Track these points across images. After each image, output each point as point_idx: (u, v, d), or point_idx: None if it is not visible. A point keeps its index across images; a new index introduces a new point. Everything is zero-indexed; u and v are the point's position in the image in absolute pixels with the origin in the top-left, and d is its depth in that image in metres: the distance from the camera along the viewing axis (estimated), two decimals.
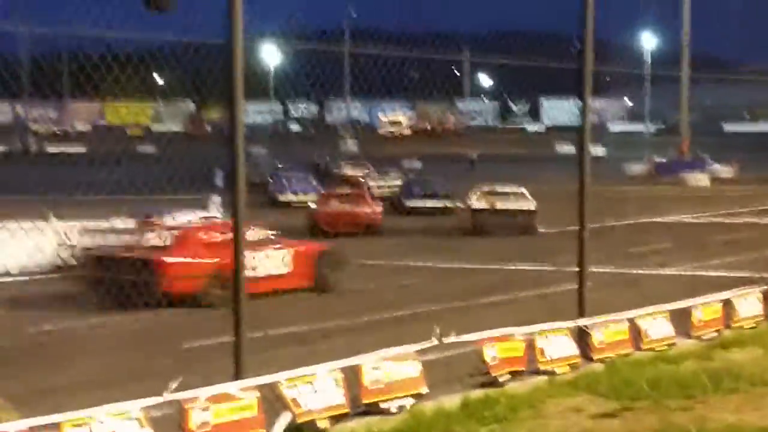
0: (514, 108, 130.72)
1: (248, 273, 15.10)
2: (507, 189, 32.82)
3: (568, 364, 11.24)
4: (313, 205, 32.79)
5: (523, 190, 32.67)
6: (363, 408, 9.24)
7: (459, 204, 34.42)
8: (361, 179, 45.35)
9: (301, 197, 39.10)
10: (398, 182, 44.62)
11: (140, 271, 17.72)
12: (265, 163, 47.45)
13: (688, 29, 66.98)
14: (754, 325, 13.97)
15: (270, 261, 19.73)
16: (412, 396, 9.55)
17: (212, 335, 12.60)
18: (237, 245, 8.84)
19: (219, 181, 29.07)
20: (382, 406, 9.31)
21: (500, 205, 31.28)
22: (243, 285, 8.75)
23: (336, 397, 8.92)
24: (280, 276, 19.72)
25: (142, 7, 9.11)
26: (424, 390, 9.69)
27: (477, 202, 31.97)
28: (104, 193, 12.72)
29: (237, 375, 8.64)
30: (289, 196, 40.56)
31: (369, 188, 40.51)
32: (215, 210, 26.56)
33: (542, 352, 11.04)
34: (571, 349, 11.37)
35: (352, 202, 32.31)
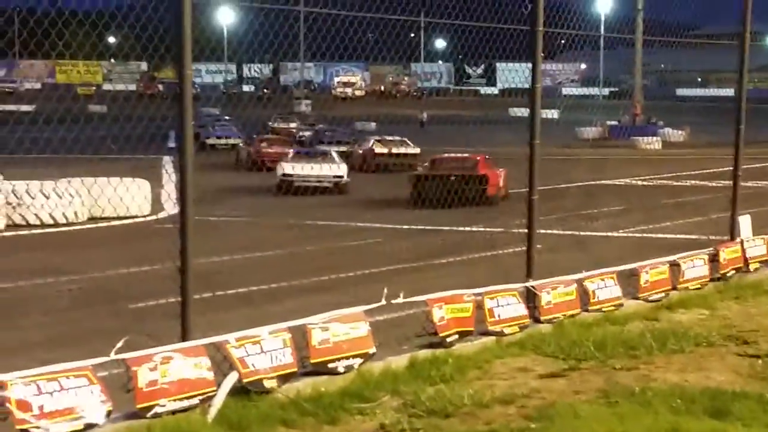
0: (469, 70, 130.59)
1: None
2: (395, 138, 41.45)
3: (517, 325, 11.31)
4: (242, 146, 41.77)
5: (406, 139, 41.31)
6: (311, 368, 9.26)
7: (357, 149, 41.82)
8: (292, 130, 51.92)
9: (224, 141, 47.83)
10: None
11: (473, 183, 27.67)
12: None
13: None
14: (699, 286, 14.11)
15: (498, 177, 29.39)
16: (360, 356, 9.58)
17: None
18: (183, 206, 8.72)
19: (172, 143, 28.91)
20: (330, 366, 9.33)
21: (395, 149, 40.45)
22: (190, 243, 8.65)
23: (284, 357, 8.94)
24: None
25: None
26: (372, 350, 9.70)
27: (378, 148, 40.37)
28: (48, 152, 12.60)
29: (184, 336, 8.63)
30: (214, 140, 47.58)
31: (300, 136, 48.44)
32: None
33: (491, 312, 11.08)
34: (520, 310, 11.42)
35: (279, 145, 40.16)
